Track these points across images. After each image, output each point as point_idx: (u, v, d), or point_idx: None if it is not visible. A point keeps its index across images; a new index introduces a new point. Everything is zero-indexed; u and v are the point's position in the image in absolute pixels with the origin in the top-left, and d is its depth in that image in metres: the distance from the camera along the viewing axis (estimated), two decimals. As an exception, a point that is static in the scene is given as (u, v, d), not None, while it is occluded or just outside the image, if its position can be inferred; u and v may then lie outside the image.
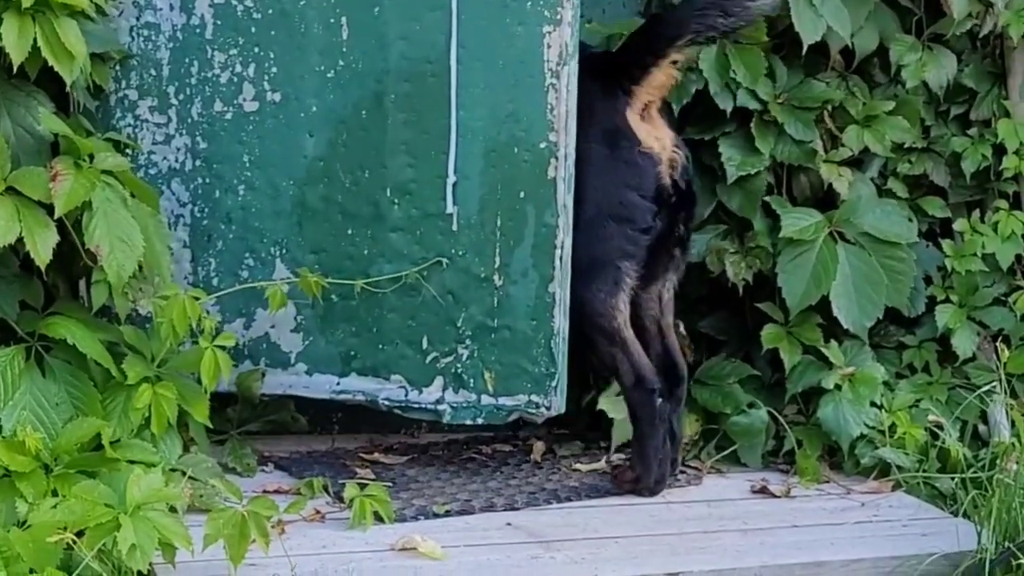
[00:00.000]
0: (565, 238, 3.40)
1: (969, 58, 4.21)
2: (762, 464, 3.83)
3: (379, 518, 3.17)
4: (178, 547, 2.70)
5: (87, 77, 3.23)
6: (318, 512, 3.24)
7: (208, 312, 3.19)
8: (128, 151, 3.41)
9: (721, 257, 3.88)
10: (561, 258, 3.40)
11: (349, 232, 3.47)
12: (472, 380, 3.47)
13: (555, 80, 3.34)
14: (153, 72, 3.47)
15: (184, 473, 3.08)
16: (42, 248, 2.95)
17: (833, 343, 3.85)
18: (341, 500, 3.26)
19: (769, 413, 3.82)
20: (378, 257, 3.46)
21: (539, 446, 3.88)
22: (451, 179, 3.39)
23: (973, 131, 4.18)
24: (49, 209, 2.96)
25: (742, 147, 3.87)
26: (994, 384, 3.86)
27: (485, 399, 3.47)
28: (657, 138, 3.52)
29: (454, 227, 3.42)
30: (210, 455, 3.28)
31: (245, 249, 3.51)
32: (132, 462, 2.99)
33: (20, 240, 2.92)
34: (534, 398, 3.45)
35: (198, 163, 3.50)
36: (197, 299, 3.09)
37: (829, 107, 3.96)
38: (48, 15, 2.96)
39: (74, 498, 2.71)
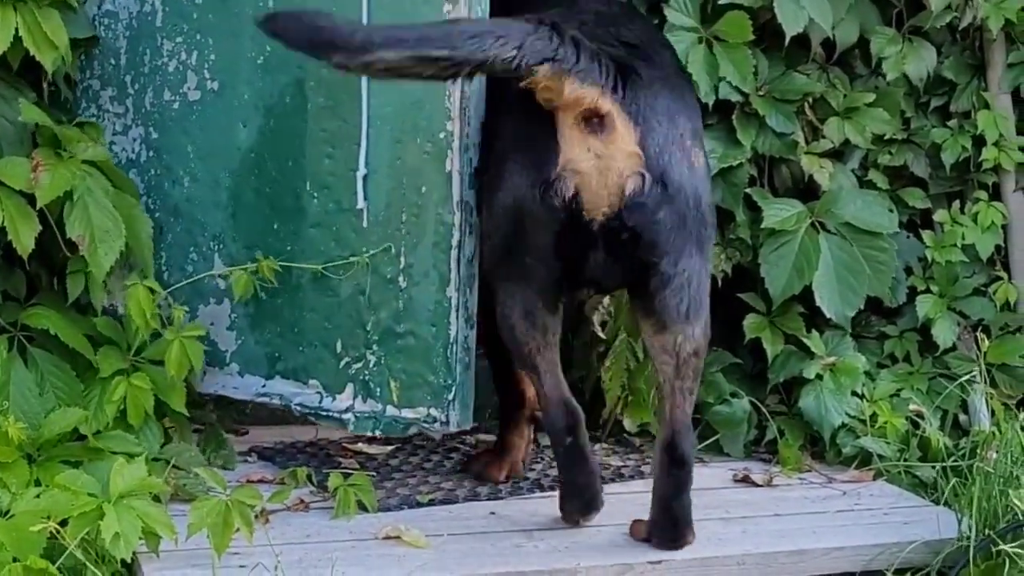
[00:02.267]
0: (463, 237, 3.13)
1: (949, 50, 4.23)
2: (744, 454, 3.84)
3: (363, 507, 3.18)
4: (162, 536, 2.71)
5: (68, 67, 3.24)
6: (302, 502, 3.24)
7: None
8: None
9: (702, 249, 3.89)
10: (459, 259, 3.13)
11: (275, 227, 3.32)
12: (379, 389, 3.26)
13: None
14: (113, 61, 3.43)
15: (168, 462, 3.08)
16: (24, 238, 2.96)
17: (815, 333, 3.87)
18: (325, 490, 3.27)
19: (751, 403, 3.84)
20: (299, 254, 3.30)
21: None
22: (361, 172, 3.18)
23: (953, 123, 4.20)
24: (31, 199, 2.97)
25: (724, 139, 3.87)
26: (974, 373, 3.88)
27: (390, 410, 3.26)
28: (598, 155, 2.81)
29: (365, 224, 3.20)
30: (192, 444, 3.29)
31: (190, 243, 3.42)
32: (115, 452, 3.00)
33: (2, 230, 2.93)
34: (433, 411, 3.21)
35: (151, 154, 3.44)
36: (152, 291, 3.10)
37: (810, 99, 3.97)
38: (30, 4, 2.97)
39: (57, 487, 2.72)
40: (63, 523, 2.64)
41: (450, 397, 3.20)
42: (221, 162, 3.37)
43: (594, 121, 2.79)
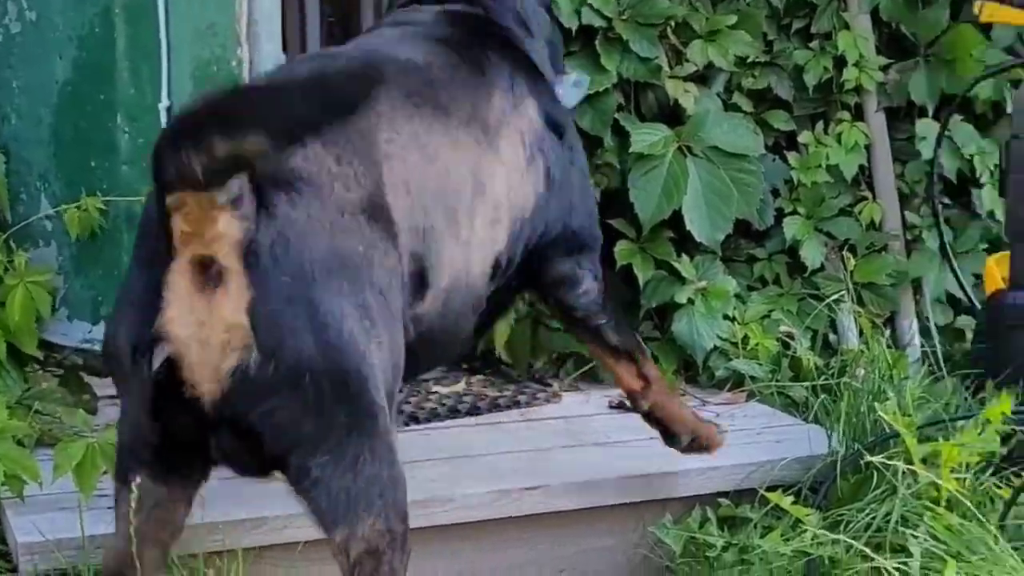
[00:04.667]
0: None
1: (809, -29, 4.25)
2: (620, 380, 3.85)
3: (235, 446, 3.12)
4: (26, 480, 2.64)
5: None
6: (172, 443, 3.17)
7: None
8: None
9: (571, 176, 3.87)
10: None
11: (92, 164, 3.13)
12: None
13: None
14: None
15: (31, 407, 3.00)
16: None
17: (685, 258, 3.89)
18: (195, 430, 3.19)
19: (625, 329, 3.85)
20: (113, 192, 3.08)
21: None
22: (164, 103, 3.00)
23: (814, 44, 4.22)
24: None
25: (589, 66, 3.85)
26: (842, 293, 3.94)
27: None
28: (201, 320, 2.06)
29: None
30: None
31: (20, 183, 3.24)
32: (-26, 401, 2.91)
33: None
34: None
35: None
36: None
37: (672, 23, 3.97)
38: None
39: (-87, 435, 2.63)
40: (-79, 472, 2.56)
41: None
42: (42, 97, 3.18)
43: (211, 271, 2.05)
